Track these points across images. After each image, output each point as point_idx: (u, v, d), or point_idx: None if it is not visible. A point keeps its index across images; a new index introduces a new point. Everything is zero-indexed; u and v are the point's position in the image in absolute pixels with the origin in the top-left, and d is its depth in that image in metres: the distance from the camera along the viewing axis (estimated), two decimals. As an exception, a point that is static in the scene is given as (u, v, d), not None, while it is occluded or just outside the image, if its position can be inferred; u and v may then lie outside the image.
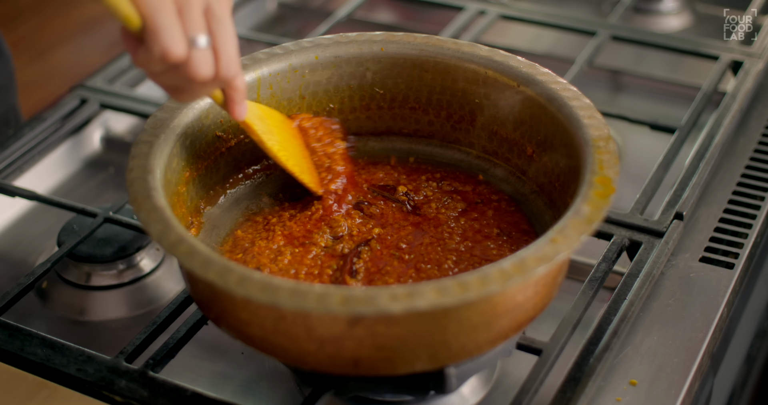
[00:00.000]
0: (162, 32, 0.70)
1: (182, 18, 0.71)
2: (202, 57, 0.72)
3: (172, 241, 0.72)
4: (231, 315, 0.76)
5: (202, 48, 0.72)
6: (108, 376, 0.83)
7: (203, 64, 0.72)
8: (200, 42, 0.72)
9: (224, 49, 0.73)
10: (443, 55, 0.92)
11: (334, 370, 0.75)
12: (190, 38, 0.71)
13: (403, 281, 0.82)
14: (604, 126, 0.82)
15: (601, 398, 0.82)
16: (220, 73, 0.74)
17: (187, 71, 0.72)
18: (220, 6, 0.73)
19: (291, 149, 0.88)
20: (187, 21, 0.71)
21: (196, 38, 0.71)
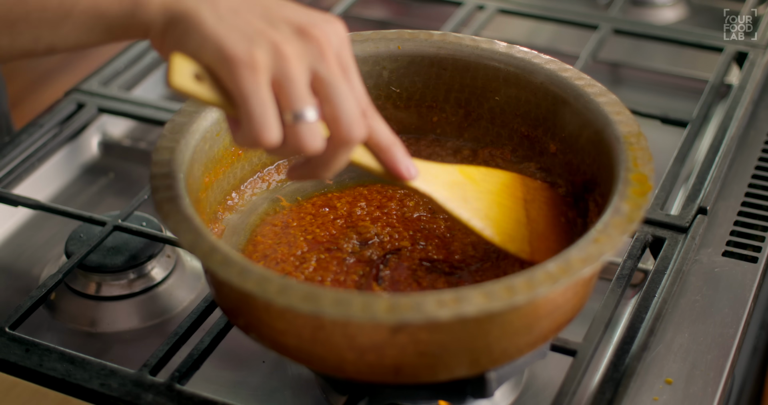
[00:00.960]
0: (253, 120, 0.66)
1: (281, 96, 0.66)
2: (307, 131, 0.67)
3: (205, 250, 0.70)
4: (265, 324, 0.73)
5: (308, 121, 0.67)
6: (133, 391, 0.80)
7: (310, 138, 0.67)
8: (306, 116, 0.67)
9: (340, 113, 0.67)
10: (462, 52, 0.90)
11: (373, 378, 0.74)
12: (294, 114, 0.66)
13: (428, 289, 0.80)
14: (633, 122, 0.81)
15: (638, 398, 0.81)
16: (342, 137, 0.68)
17: (292, 145, 0.68)
18: (329, 68, 0.67)
19: (497, 216, 0.80)
20: (286, 98, 0.66)
21: (300, 113, 0.66)
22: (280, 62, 0.66)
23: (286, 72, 0.66)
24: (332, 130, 0.68)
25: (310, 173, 0.72)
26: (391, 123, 0.94)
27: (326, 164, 0.70)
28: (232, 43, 0.65)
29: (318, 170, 0.71)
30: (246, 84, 0.65)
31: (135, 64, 1.26)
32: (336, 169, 0.71)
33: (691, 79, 1.29)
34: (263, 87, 0.65)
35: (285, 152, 0.69)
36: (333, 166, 0.71)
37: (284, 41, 0.66)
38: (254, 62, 0.65)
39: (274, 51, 0.66)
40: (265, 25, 0.67)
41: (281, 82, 0.66)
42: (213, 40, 0.66)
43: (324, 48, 0.67)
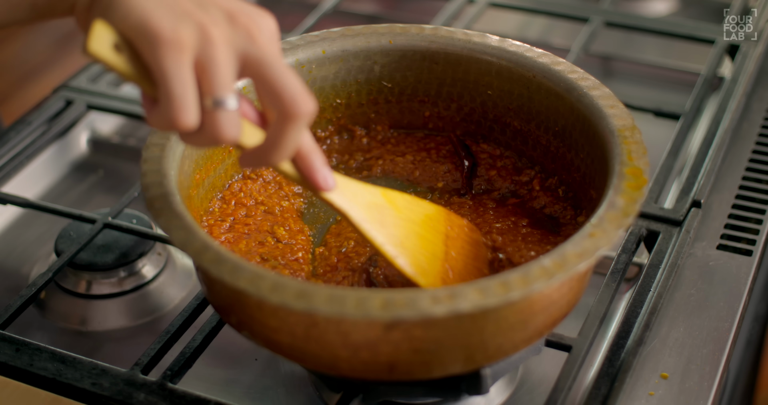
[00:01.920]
0: (172, 100, 0.63)
1: (203, 80, 0.63)
2: (225, 119, 0.64)
3: (197, 248, 0.69)
4: (257, 322, 0.73)
5: (228, 110, 0.64)
6: (125, 390, 0.80)
7: (227, 126, 0.65)
8: (226, 104, 0.64)
9: (282, 88, 0.65)
10: (454, 46, 0.90)
11: (368, 375, 0.73)
12: (214, 100, 0.64)
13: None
14: (628, 115, 0.80)
15: (634, 393, 0.80)
16: (289, 113, 0.66)
17: (208, 132, 0.65)
18: (261, 48, 0.65)
19: (413, 245, 0.77)
20: (208, 83, 0.64)
21: (221, 100, 0.64)
22: (205, 44, 0.63)
23: (210, 55, 0.63)
24: (278, 106, 0.65)
25: (261, 159, 0.68)
26: (383, 118, 0.94)
27: (275, 146, 0.67)
28: (158, 19, 0.62)
29: (268, 154, 0.68)
30: (167, 62, 0.62)
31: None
32: (286, 152, 0.67)
33: (684, 71, 1.29)
34: (185, 67, 0.63)
35: (200, 140, 0.66)
36: (283, 149, 0.67)
37: (212, 24, 0.64)
38: (179, 41, 0.62)
39: (200, 32, 0.63)
40: (195, 6, 0.64)
41: (205, 66, 0.63)
42: (138, 12, 0.63)
43: (254, 33, 0.65)
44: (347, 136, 0.94)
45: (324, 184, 0.72)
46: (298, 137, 0.67)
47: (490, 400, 0.85)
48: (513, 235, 0.84)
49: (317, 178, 0.71)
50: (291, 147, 0.67)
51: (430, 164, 0.92)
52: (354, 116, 0.93)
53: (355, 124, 0.94)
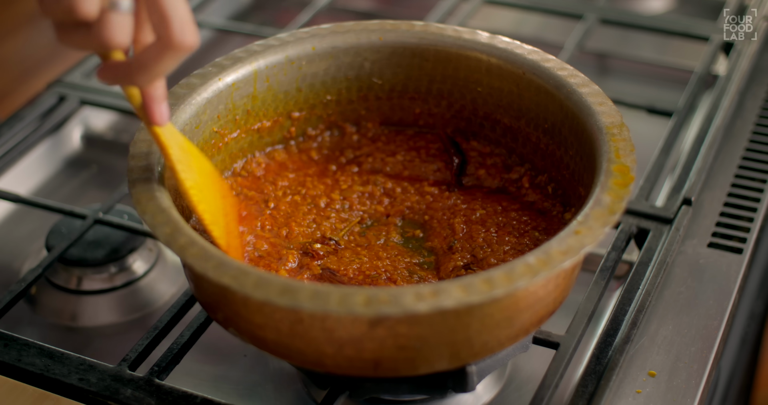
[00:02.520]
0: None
1: None
2: (119, 21, 0.63)
3: (182, 244, 0.69)
4: (243, 318, 0.73)
5: (123, 11, 0.63)
6: (112, 385, 0.80)
7: (118, 29, 0.63)
8: (121, 4, 0.63)
9: (171, 13, 0.63)
10: (444, 43, 0.89)
11: (353, 372, 0.73)
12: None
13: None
14: (616, 113, 0.80)
15: (621, 391, 0.80)
16: (171, 40, 0.64)
17: (98, 34, 0.63)
18: None
19: (209, 197, 0.78)
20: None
21: (114, 1, 0.63)
22: None
23: None
24: (161, 31, 0.64)
25: (126, 75, 0.66)
26: (374, 114, 0.94)
27: (146, 68, 0.65)
28: None
29: (134, 74, 0.66)
30: None
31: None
32: (155, 76, 0.66)
33: (679, 69, 1.28)
34: None
35: (88, 42, 0.64)
36: (153, 72, 0.66)
37: None
38: None
39: None
40: None
41: None
42: None
43: None
44: (337, 133, 0.94)
45: (159, 118, 0.71)
46: (170, 66, 0.66)
47: (478, 398, 0.85)
48: (502, 217, 0.85)
49: (154, 109, 0.70)
50: (160, 73, 0.66)
51: (419, 164, 0.92)
52: (344, 113, 0.93)
53: (346, 121, 0.94)
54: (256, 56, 0.87)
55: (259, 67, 0.87)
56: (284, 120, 0.91)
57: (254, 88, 0.88)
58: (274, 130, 0.91)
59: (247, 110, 0.88)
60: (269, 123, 0.90)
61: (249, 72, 0.87)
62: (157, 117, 0.71)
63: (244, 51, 0.88)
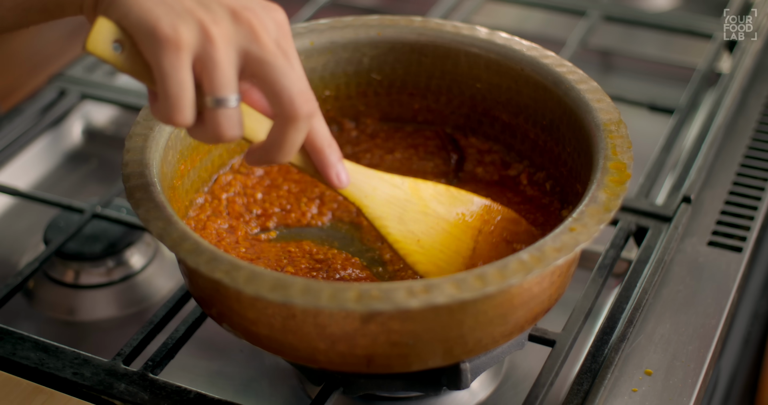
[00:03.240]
0: (168, 99, 0.63)
1: (204, 79, 0.64)
2: (225, 118, 0.65)
3: (174, 238, 0.69)
4: (236, 313, 0.72)
5: (228, 109, 0.64)
6: (106, 380, 0.79)
7: (227, 125, 0.65)
8: (226, 103, 0.64)
9: (281, 89, 0.64)
10: (443, 38, 0.89)
11: (346, 368, 0.73)
12: (214, 99, 0.64)
13: None
14: (614, 109, 0.80)
15: (617, 389, 0.80)
16: (287, 114, 0.65)
17: (209, 130, 0.66)
18: (263, 47, 0.64)
19: (429, 241, 0.76)
20: (208, 82, 0.64)
21: (219, 99, 0.64)
22: (205, 43, 0.63)
23: (210, 54, 0.63)
24: (276, 108, 0.66)
25: (266, 157, 0.69)
26: (372, 110, 0.93)
27: (278, 146, 0.67)
28: (157, 17, 0.62)
29: (271, 153, 0.68)
30: (165, 62, 0.62)
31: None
32: (289, 150, 0.67)
33: (683, 66, 1.28)
34: (183, 67, 0.63)
35: (205, 136, 0.66)
36: (285, 148, 0.67)
37: (213, 22, 0.64)
38: (178, 40, 0.62)
39: (200, 31, 0.63)
40: (196, 4, 0.64)
41: (205, 65, 0.64)
42: (138, 10, 0.63)
43: (258, 31, 0.65)
44: (337, 129, 0.94)
45: (336, 182, 0.72)
46: (298, 137, 0.67)
47: (473, 395, 0.84)
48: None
49: (330, 174, 0.71)
50: (292, 147, 0.67)
51: (416, 161, 0.91)
52: (343, 108, 0.93)
53: (344, 117, 0.93)
54: (253, 51, 0.87)
55: (257, 61, 0.87)
56: (282, 115, 0.91)
57: (252, 82, 0.87)
58: (273, 126, 0.91)
59: (245, 105, 0.88)
60: (267, 118, 0.90)
61: (247, 67, 0.87)
62: (335, 182, 0.72)
63: (242, 45, 0.87)
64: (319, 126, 0.69)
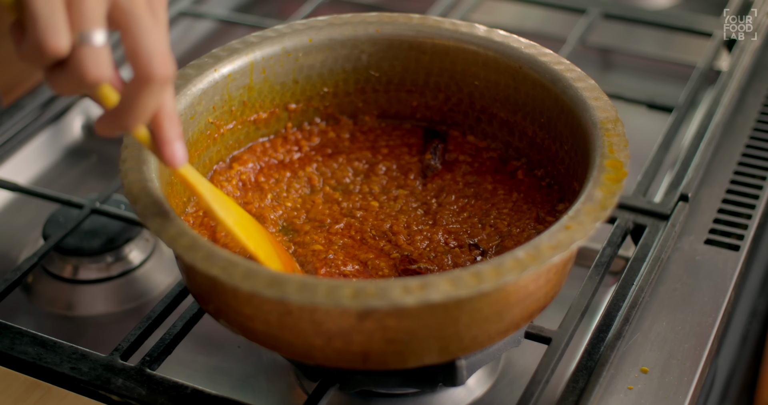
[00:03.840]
0: (39, 22, 0.59)
1: (71, 12, 0.60)
2: (92, 55, 0.61)
3: (171, 234, 0.69)
4: (233, 309, 0.73)
5: (95, 45, 0.61)
6: (103, 375, 0.80)
7: (93, 63, 0.61)
8: (92, 38, 0.60)
9: (141, 46, 0.62)
10: (441, 36, 0.89)
11: (342, 364, 0.73)
12: (80, 34, 0.60)
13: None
14: (611, 108, 0.80)
15: (612, 387, 0.80)
16: (144, 74, 0.62)
17: (73, 70, 0.61)
18: (132, 2, 0.62)
19: (254, 233, 0.77)
20: (75, 15, 0.60)
21: (87, 34, 0.60)
22: None
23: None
24: (134, 66, 0.62)
25: (116, 122, 0.65)
26: (371, 107, 0.93)
27: (129, 108, 0.63)
28: None
29: (122, 117, 0.64)
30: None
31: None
32: (140, 115, 0.64)
33: (682, 64, 1.28)
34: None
35: (66, 81, 0.62)
36: (137, 111, 0.63)
37: None
38: None
39: None
40: None
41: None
42: None
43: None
44: (334, 123, 0.94)
45: (170, 159, 0.69)
46: (151, 101, 0.64)
47: (470, 392, 0.85)
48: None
49: (165, 150, 0.68)
50: (143, 112, 0.64)
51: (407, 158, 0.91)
52: (341, 105, 0.93)
53: (342, 113, 0.93)
54: (252, 47, 0.87)
55: (256, 58, 0.87)
56: (281, 112, 0.91)
57: (250, 79, 0.88)
58: (271, 122, 0.91)
59: (243, 101, 0.88)
60: (266, 114, 0.90)
61: (245, 63, 0.87)
62: (169, 159, 0.68)
63: (241, 42, 0.88)
64: (168, 100, 0.66)
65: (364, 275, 0.80)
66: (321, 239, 0.82)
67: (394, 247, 0.82)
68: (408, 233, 0.83)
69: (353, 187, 0.88)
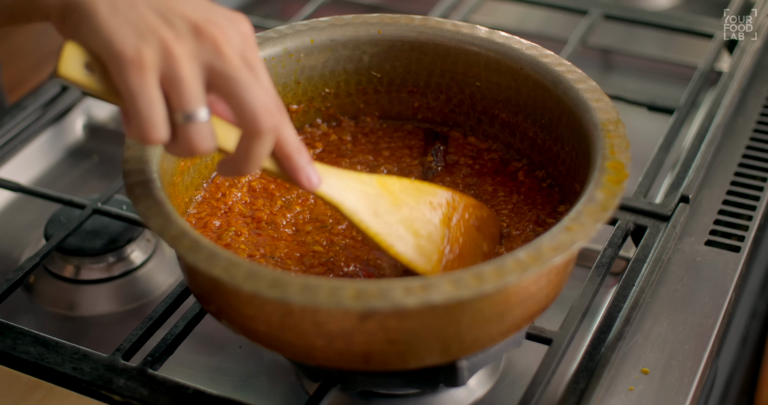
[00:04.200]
0: (140, 118, 0.64)
1: (171, 96, 0.64)
2: (197, 131, 0.65)
3: (174, 235, 0.69)
4: (235, 310, 0.73)
5: (199, 122, 0.65)
6: (105, 375, 0.80)
7: (200, 138, 0.66)
8: (196, 117, 0.65)
9: (244, 104, 0.65)
10: (443, 37, 0.89)
11: (343, 365, 0.73)
12: (183, 115, 0.65)
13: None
14: (612, 109, 0.80)
15: (613, 388, 0.80)
16: (251, 129, 0.66)
17: (183, 145, 0.66)
18: (227, 62, 0.65)
19: (405, 232, 0.77)
20: (176, 98, 0.64)
21: (190, 114, 0.65)
22: (169, 61, 0.63)
23: (175, 71, 0.63)
24: (241, 123, 0.66)
25: (235, 169, 0.69)
26: (372, 108, 0.94)
27: (244, 159, 0.68)
28: (121, 38, 0.63)
29: (239, 166, 0.69)
30: (132, 82, 0.63)
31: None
32: (255, 162, 0.68)
33: (683, 65, 1.28)
34: (150, 86, 0.63)
35: (179, 151, 0.67)
36: (251, 160, 0.68)
37: (176, 39, 0.64)
38: (141, 60, 0.63)
39: (163, 49, 0.63)
40: (159, 20, 0.64)
41: (171, 82, 0.64)
42: (103, 32, 0.63)
43: (221, 45, 0.65)
44: (335, 124, 0.94)
45: (308, 184, 0.72)
46: (263, 150, 0.67)
47: (471, 392, 0.85)
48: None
49: (301, 178, 0.72)
50: (258, 159, 0.68)
51: (408, 161, 0.91)
52: (343, 106, 0.93)
53: (344, 115, 0.94)
54: (254, 48, 0.87)
55: (258, 59, 0.87)
56: (282, 112, 0.91)
57: (252, 80, 0.88)
58: (272, 123, 0.91)
59: (245, 102, 0.88)
60: (267, 115, 0.90)
61: (247, 64, 0.87)
62: (306, 184, 0.72)
63: (243, 43, 0.88)
64: (287, 133, 0.69)
65: (365, 276, 0.80)
66: (323, 240, 0.82)
67: None
68: None
69: None
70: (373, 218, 0.76)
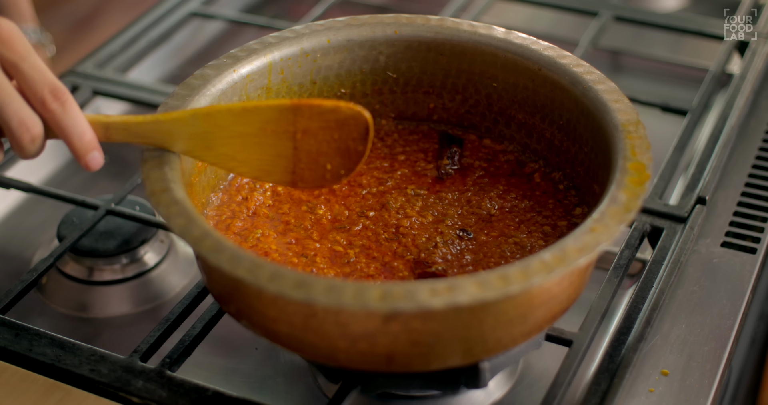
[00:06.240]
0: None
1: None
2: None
3: (196, 235, 0.69)
4: (256, 311, 0.73)
5: None
6: (123, 377, 0.80)
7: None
8: None
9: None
10: (459, 37, 0.89)
11: (365, 366, 0.73)
12: None
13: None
14: (632, 110, 0.80)
15: (634, 389, 0.80)
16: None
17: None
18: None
19: (246, 156, 0.80)
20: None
21: None
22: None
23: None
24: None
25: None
26: (388, 109, 0.93)
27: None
28: None
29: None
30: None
31: (130, 47, 1.24)
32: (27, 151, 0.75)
33: (693, 67, 1.28)
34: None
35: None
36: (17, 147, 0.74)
37: None
38: None
39: None
40: None
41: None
42: None
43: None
44: None
45: (88, 166, 0.78)
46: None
47: (489, 394, 0.84)
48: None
49: (81, 163, 0.78)
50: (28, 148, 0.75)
51: (423, 165, 0.91)
52: (359, 106, 0.93)
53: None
54: (271, 48, 0.87)
55: (274, 59, 0.87)
56: (298, 113, 0.91)
57: (269, 80, 0.87)
58: (289, 123, 0.91)
59: (262, 102, 0.88)
60: (283, 116, 0.90)
61: (264, 64, 0.87)
62: (88, 166, 0.78)
63: (259, 43, 0.87)
64: (65, 121, 0.75)
65: (385, 276, 0.80)
66: (342, 240, 0.82)
67: (405, 248, 0.82)
68: (414, 236, 0.83)
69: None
70: (206, 152, 0.78)
